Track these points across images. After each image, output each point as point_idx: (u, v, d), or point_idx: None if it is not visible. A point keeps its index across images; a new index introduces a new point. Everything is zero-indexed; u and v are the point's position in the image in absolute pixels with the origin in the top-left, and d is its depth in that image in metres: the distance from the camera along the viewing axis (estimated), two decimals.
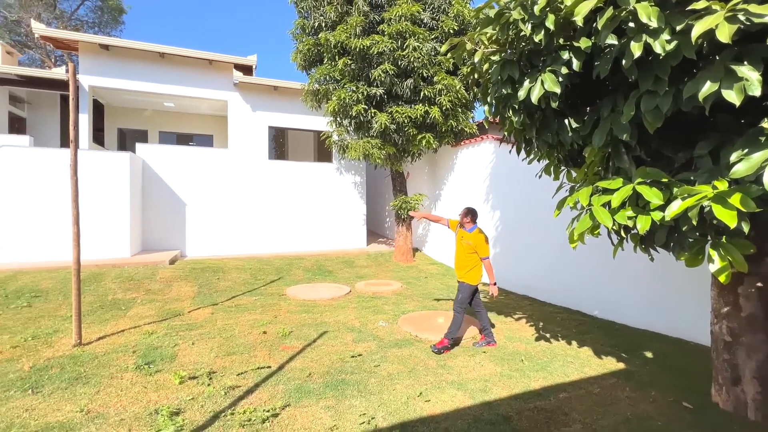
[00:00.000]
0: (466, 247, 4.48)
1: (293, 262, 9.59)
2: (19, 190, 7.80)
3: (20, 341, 4.34)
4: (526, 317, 5.87)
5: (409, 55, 8.01)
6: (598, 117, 2.76)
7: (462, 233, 4.58)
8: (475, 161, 9.10)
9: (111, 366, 3.79)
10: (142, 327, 4.97)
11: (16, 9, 22.33)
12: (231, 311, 5.81)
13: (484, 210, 8.64)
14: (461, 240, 4.56)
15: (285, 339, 4.68)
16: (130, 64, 9.84)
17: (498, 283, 8.12)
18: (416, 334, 4.95)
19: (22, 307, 5.54)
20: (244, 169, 10.71)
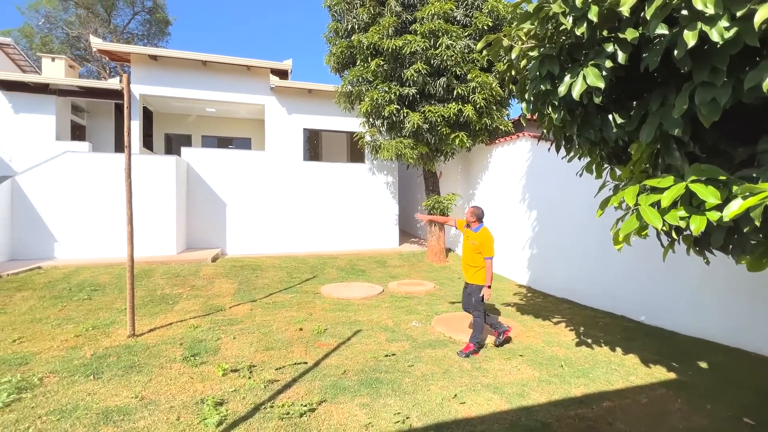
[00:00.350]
0: (473, 248, 4.38)
1: (327, 261, 9.78)
2: (80, 191, 8.49)
3: (82, 331, 4.73)
4: (565, 321, 5.65)
5: (442, 54, 7.94)
6: (646, 111, 2.61)
7: (468, 233, 4.48)
8: (511, 160, 8.87)
9: (161, 356, 4.04)
10: (188, 321, 5.26)
11: (77, 26, 24.32)
12: (269, 308, 6.02)
13: (520, 210, 8.41)
14: (467, 240, 4.48)
15: (320, 336, 4.79)
16: (176, 72, 10.44)
17: (535, 285, 7.93)
18: (450, 335, 4.90)
19: (83, 299, 6.04)
20: (280, 171, 11.06)
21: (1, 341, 4.35)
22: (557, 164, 7.27)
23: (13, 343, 4.29)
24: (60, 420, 2.82)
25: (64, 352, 4.08)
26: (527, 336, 4.97)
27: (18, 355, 3.97)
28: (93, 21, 24.19)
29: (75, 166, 8.48)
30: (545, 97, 2.85)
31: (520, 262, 8.38)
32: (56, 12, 24.22)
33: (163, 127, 13.02)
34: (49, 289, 6.37)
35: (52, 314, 5.36)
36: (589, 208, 6.54)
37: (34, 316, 5.23)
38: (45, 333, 4.65)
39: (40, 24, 24.38)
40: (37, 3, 23.94)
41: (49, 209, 8.30)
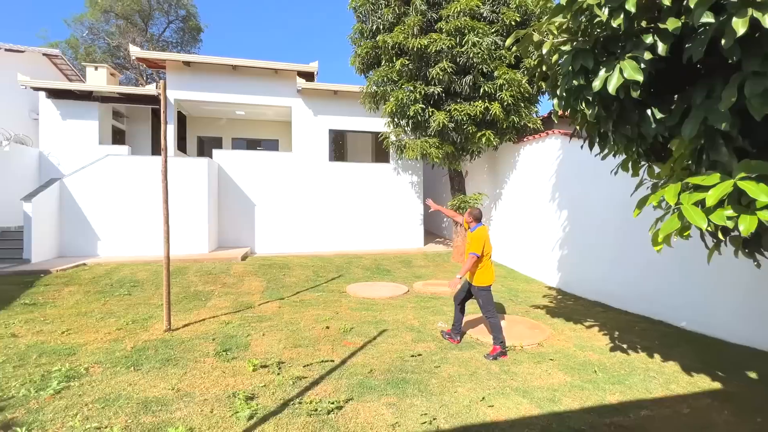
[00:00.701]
0: (467, 246, 4.42)
1: (352, 260, 9.86)
2: (120, 192, 8.97)
3: (123, 324, 4.99)
4: (598, 325, 5.43)
5: (468, 51, 7.83)
6: (689, 105, 2.47)
7: (468, 234, 4.53)
8: (540, 158, 8.63)
9: (195, 351, 4.20)
10: (220, 317, 5.44)
11: (117, 36, 25.71)
12: (296, 306, 6.13)
13: (550, 210, 8.16)
14: (466, 240, 4.55)
15: (346, 335, 4.84)
16: (208, 77, 10.83)
17: (566, 287, 7.67)
18: (477, 337, 4.83)
19: (123, 295, 6.37)
20: (306, 171, 11.25)
21: (52, 332, 4.66)
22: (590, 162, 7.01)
23: (62, 335, 4.58)
24: (104, 408, 2.98)
25: (107, 344, 4.32)
26: (558, 340, 4.81)
27: (66, 345, 4.24)
28: (131, 31, 25.48)
29: (116, 169, 8.97)
30: (578, 92, 2.75)
31: (550, 264, 8.14)
32: (98, 23, 25.69)
33: (195, 131, 13.54)
34: (93, 285, 6.77)
35: (95, 308, 5.68)
36: (625, 207, 6.26)
37: (80, 310, 5.57)
38: (90, 326, 4.94)
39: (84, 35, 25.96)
40: (81, 16, 25.49)
41: (92, 209, 8.81)
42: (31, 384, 3.32)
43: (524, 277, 8.80)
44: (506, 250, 9.92)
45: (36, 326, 4.86)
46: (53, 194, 8.41)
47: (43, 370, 3.59)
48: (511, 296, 7.09)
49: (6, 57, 12.32)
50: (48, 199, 8.23)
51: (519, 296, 7.13)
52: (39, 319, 5.10)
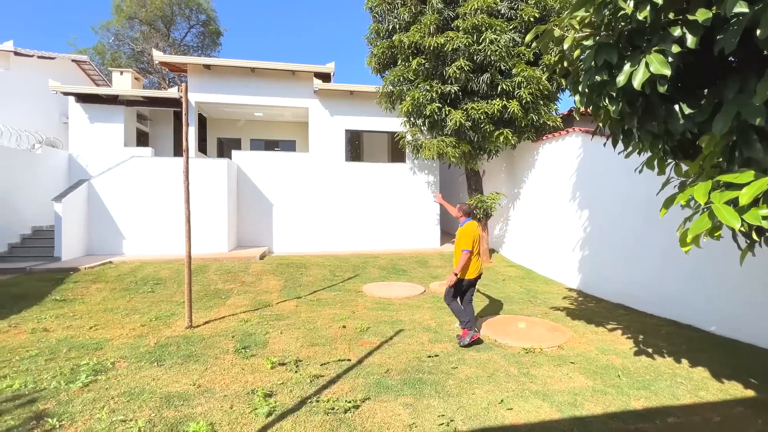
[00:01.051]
0: (456, 242, 4.59)
1: (368, 260, 9.88)
2: (144, 192, 9.25)
3: (147, 321, 5.14)
4: (621, 328, 5.27)
5: (486, 49, 7.73)
6: (720, 100, 2.36)
7: (458, 230, 4.66)
8: (560, 156, 8.44)
9: (215, 348, 4.29)
10: (239, 315, 5.54)
11: (141, 41, 26.54)
12: (313, 305, 6.19)
13: (571, 209, 7.97)
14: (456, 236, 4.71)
15: (363, 334, 4.85)
16: (227, 80, 11.05)
17: (587, 289, 7.48)
18: (495, 338, 4.75)
19: (147, 292, 6.56)
20: (323, 171, 11.35)
21: (80, 327, 4.84)
22: (612, 160, 6.83)
23: (90, 330, 4.76)
24: (129, 401, 3.08)
25: (132, 340, 4.46)
26: (579, 342, 4.70)
27: (94, 340, 4.39)
28: (155, 36, 26.27)
29: (140, 170, 9.26)
30: (601, 88, 2.67)
31: (570, 265, 7.95)
32: (124, 30, 26.58)
33: (215, 132, 13.85)
34: (118, 282, 7.00)
35: (121, 305, 5.88)
36: (649, 206, 6.06)
37: (106, 306, 5.77)
38: (115, 322, 5.11)
39: (110, 42, 26.91)
40: (108, 22, 26.43)
41: (118, 209, 9.12)
42: (62, 377, 3.45)
43: (543, 278, 8.63)
44: (524, 250, 9.75)
45: (66, 321, 5.06)
46: (82, 195, 8.74)
47: (73, 364, 3.74)
48: (530, 297, 6.96)
49: (39, 64, 12.90)
50: (77, 200, 8.57)
51: (538, 297, 6.99)
52: (69, 315, 5.31)
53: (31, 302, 5.83)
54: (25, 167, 9.11)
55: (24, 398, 3.08)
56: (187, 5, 27.20)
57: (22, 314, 5.31)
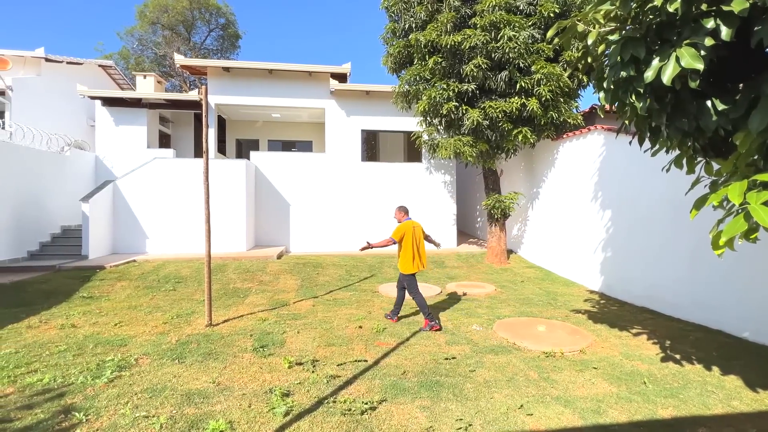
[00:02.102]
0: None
1: (384, 260, 9.86)
2: (165, 193, 9.49)
3: (168, 318, 5.26)
4: (647, 333, 5.09)
5: (504, 46, 7.59)
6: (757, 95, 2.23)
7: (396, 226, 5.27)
8: (581, 155, 8.22)
9: (234, 346, 4.35)
10: (257, 314, 5.61)
11: (163, 45, 27.29)
12: (329, 305, 6.21)
13: (592, 209, 7.75)
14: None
15: (379, 335, 4.83)
16: (245, 82, 11.23)
17: (609, 292, 7.26)
18: (514, 341, 4.66)
19: (169, 290, 6.73)
20: (339, 171, 11.40)
21: (106, 324, 5.00)
22: (636, 159, 6.62)
23: (115, 327, 4.91)
24: (152, 398, 3.15)
25: (154, 337, 4.57)
26: (602, 347, 4.56)
27: (118, 337, 4.53)
28: (176, 40, 26.97)
29: (162, 171, 9.50)
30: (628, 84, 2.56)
31: (591, 266, 7.74)
32: (147, 35, 27.40)
33: (234, 133, 14.10)
34: (141, 280, 7.20)
35: (144, 302, 6.04)
36: (675, 207, 5.84)
37: (130, 304, 5.94)
38: (139, 319, 5.25)
39: (134, 47, 27.79)
40: (132, 28, 27.30)
41: (141, 209, 9.39)
42: (88, 372, 3.56)
43: (563, 279, 8.43)
44: (543, 251, 9.54)
45: (92, 318, 5.24)
46: (107, 195, 9.04)
47: (99, 359, 3.85)
48: (550, 300, 6.81)
49: (68, 69, 13.42)
50: (103, 200, 8.86)
51: (558, 300, 6.83)
52: (95, 312, 5.49)
53: (60, 299, 6.06)
54: (54, 169, 9.49)
55: (53, 392, 3.20)
56: (207, 9, 27.81)
57: (51, 310, 5.52)
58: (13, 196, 8.10)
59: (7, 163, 7.97)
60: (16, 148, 8.31)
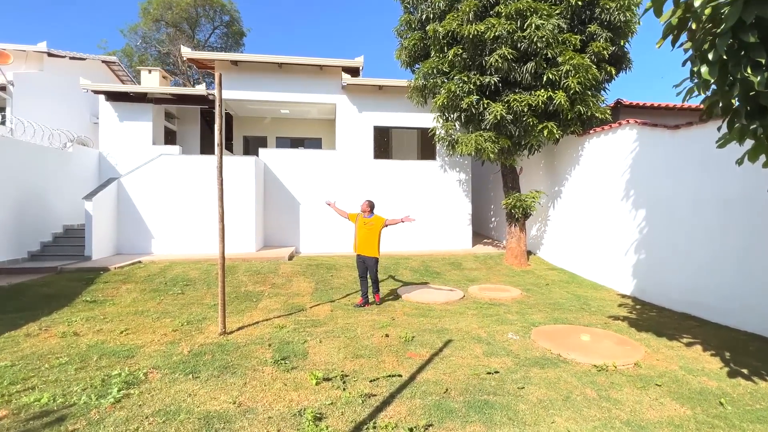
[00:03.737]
0: (371, 228, 6.01)
1: (399, 261, 9.45)
2: (171, 191, 9.09)
3: (178, 325, 4.86)
4: (699, 342, 4.66)
5: (532, 35, 7.17)
6: None
7: (364, 220, 6.06)
8: (610, 152, 7.78)
9: (252, 358, 3.95)
10: (273, 320, 5.20)
11: (167, 43, 26.94)
12: (349, 310, 5.81)
13: (623, 209, 7.32)
14: (364, 225, 6.03)
15: (409, 345, 4.42)
16: (254, 76, 10.82)
17: (643, 296, 6.81)
18: (558, 352, 4.24)
19: (177, 294, 6.33)
20: (350, 169, 10.98)
21: (111, 332, 4.60)
22: (676, 155, 6.20)
23: (121, 335, 4.51)
24: (165, 423, 2.74)
25: (164, 347, 4.17)
26: (656, 359, 4.13)
27: (125, 347, 4.12)
28: (180, 38, 26.60)
29: (168, 168, 9.11)
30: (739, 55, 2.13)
31: (623, 269, 7.30)
32: (150, 32, 27.06)
33: (241, 131, 13.70)
34: (148, 283, 6.81)
35: (151, 307, 5.64)
36: (727, 206, 5.42)
37: (137, 309, 5.54)
38: (146, 326, 4.85)
39: (138, 44, 27.45)
40: (135, 25, 26.97)
41: (146, 207, 9.00)
42: (92, 389, 3.16)
43: (590, 283, 7.99)
44: (566, 252, 9.10)
45: (96, 325, 4.84)
46: (111, 193, 8.65)
47: (104, 374, 3.45)
48: (582, 305, 6.38)
49: (70, 65, 13.07)
50: (107, 198, 8.47)
51: (591, 305, 6.40)
52: (99, 318, 5.10)
53: (62, 303, 5.66)
54: (56, 165, 9.11)
55: (52, 415, 2.80)
56: (211, 6, 27.46)
57: (52, 316, 5.13)
58: (14, 194, 7.72)
59: (7, 159, 7.59)
60: (17, 143, 7.93)
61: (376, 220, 6.03)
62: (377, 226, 6.00)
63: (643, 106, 9.22)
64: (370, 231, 6.00)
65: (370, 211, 6.07)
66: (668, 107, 9.35)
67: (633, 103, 9.19)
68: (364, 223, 6.04)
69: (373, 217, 6.04)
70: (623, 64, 8.72)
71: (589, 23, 8.07)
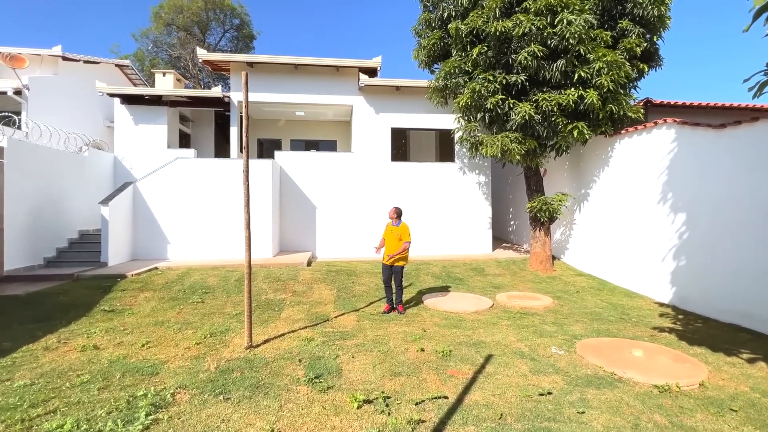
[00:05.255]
0: (396, 237, 5.82)
1: (420, 267, 9.15)
2: (187, 195, 8.91)
3: (201, 338, 4.62)
4: (762, 359, 4.30)
5: (563, 31, 6.86)
6: None
7: (391, 228, 5.92)
8: (644, 152, 7.42)
9: (283, 375, 3.68)
10: (299, 332, 4.95)
11: (177, 47, 27.04)
12: (375, 320, 5.53)
13: (659, 213, 6.95)
14: (392, 234, 5.87)
15: (447, 360, 4.13)
16: (269, 78, 10.64)
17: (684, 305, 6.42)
18: (612, 370, 3.91)
19: (196, 302, 6.11)
20: (367, 172, 10.73)
21: (132, 344, 4.38)
22: (721, 155, 5.84)
23: (143, 348, 4.28)
24: None
25: (189, 363, 3.93)
26: (721, 379, 3.78)
27: (148, 363, 3.89)
28: (191, 42, 26.67)
29: (184, 172, 8.93)
30: None
31: (660, 276, 6.93)
32: (162, 36, 27.18)
33: (256, 133, 13.53)
34: (166, 290, 6.60)
35: (171, 317, 5.42)
36: None
37: (156, 319, 5.33)
38: (168, 338, 4.62)
39: (149, 48, 27.58)
40: (147, 30, 27.09)
41: (162, 212, 8.83)
42: (118, 413, 2.92)
43: (623, 290, 7.62)
44: (594, 258, 8.74)
45: (117, 337, 4.62)
46: (127, 198, 8.50)
47: (129, 394, 3.21)
48: (621, 315, 6.03)
49: (84, 69, 13.01)
50: (123, 203, 8.32)
51: (630, 315, 6.05)
52: (119, 329, 4.88)
53: (80, 312, 5.47)
54: (72, 169, 8.98)
55: None
56: (221, 10, 27.52)
57: (71, 327, 4.93)
58: (30, 199, 7.58)
59: (24, 163, 7.45)
60: (35, 147, 7.79)
61: (402, 230, 5.85)
62: (401, 235, 5.83)
63: (674, 105, 8.85)
64: (396, 239, 5.83)
65: (398, 218, 5.93)
66: (701, 106, 8.97)
67: (663, 102, 8.82)
68: (391, 231, 5.91)
69: (399, 226, 5.88)
70: (654, 61, 8.37)
71: (620, 19, 7.75)
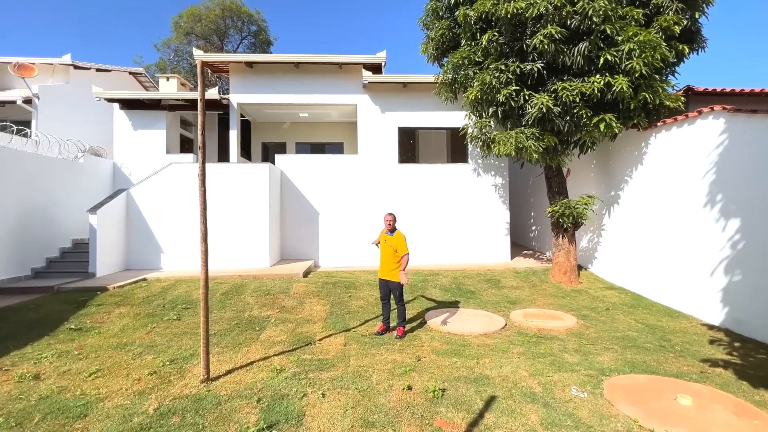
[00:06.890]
0: (391, 249, 5.01)
1: (428, 278, 8.34)
2: (182, 202, 8.50)
3: (159, 366, 4.05)
4: None
5: (586, 8, 5.94)
6: None
7: (385, 237, 5.10)
8: (686, 147, 6.35)
9: (231, 423, 3.02)
10: (272, 359, 4.29)
11: None
12: (365, 345, 4.79)
13: (707, 218, 5.87)
14: (386, 244, 5.07)
15: (438, 404, 3.33)
16: (270, 78, 10.18)
17: (740, 329, 5.18)
18: (651, 427, 3.00)
19: (172, 320, 5.58)
20: (373, 175, 10.05)
21: (78, 374, 3.85)
22: None
23: (88, 378, 3.74)
24: None
25: (129, 400, 3.33)
26: None
27: (83, 400, 3.32)
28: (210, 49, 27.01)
29: (178, 177, 8.55)
30: None
31: (708, 292, 5.84)
32: (182, 45, 27.69)
33: (260, 137, 13.15)
34: (144, 306, 6.13)
35: (138, 338, 4.89)
36: None
37: (120, 340, 4.81)
38: (123, 365, 4.07)
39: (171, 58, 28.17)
40: (168, 39, 27.70)
41: (156, 220, 8.47)
42: None
43: (662, 307, 6.54)
44: (627, 268, 7.65)
45: (66, 363, 4.11)
46: (119, 205, 8.17)
47: None
48: (661, 341, 5.01)
49: (96, 77, 13.05)
50: (114, 211, 7.99)
51: (672, 341, 5.02)
52: (73, 353, 4.38)
53: (44, 331, 5.04)
54: (65, 177, 8.77)
55: None
56: (239, 17, 27.76)
57: (25, 350, 4.47)
58: (15, 209, 7.32)
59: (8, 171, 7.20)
60: (18, 154, 7.56)
61: (396, 240, 5.01)
62: (397, 247, 5.00)
63: (721, 93, 7.67)
64: (392, 252, 5.02)
65: (392, 226, 5.10)
66: (754, 93, 7.74)
67: (708, 90, 7.66)
68: (385, 241, 5.13)
69: (394, 236, 5.05)
70: (696, 42, 7.25)
71: None
